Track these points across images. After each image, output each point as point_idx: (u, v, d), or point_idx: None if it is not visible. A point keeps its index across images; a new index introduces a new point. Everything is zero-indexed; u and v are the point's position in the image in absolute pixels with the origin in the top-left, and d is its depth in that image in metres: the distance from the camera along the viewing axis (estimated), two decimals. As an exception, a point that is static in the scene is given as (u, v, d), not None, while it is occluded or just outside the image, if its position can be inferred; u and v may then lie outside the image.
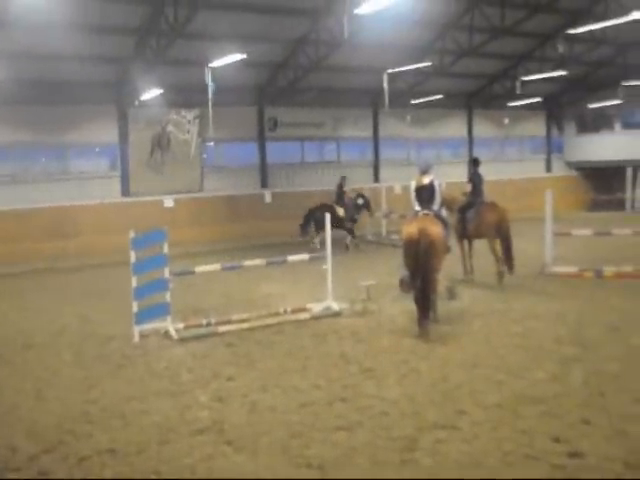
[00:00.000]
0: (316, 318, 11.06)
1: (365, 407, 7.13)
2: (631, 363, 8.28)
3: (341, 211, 19.80)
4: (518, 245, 15.87)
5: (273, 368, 8.62)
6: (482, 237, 13.62)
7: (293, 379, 8.14)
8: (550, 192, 14.37)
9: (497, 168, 28.91)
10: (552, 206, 14.31)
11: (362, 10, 14.42)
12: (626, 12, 18.07)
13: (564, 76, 26.08)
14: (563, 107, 31.66)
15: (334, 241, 12.03)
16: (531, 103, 29.04)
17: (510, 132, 30.53)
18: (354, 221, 20.35)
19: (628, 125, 30.56)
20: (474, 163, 14.38)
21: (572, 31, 20.87)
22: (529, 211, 23.07)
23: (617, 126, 30.59)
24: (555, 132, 32.23)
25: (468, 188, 14.07)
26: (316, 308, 11.32)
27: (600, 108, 30.03)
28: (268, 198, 23.63)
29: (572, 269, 14.22)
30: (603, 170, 30.50)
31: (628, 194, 29.89)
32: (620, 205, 29.62)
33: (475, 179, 14.11)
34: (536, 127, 31.72)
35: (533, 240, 16.40)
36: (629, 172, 29.70)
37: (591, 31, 20.73)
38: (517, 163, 30.63)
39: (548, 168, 32.11)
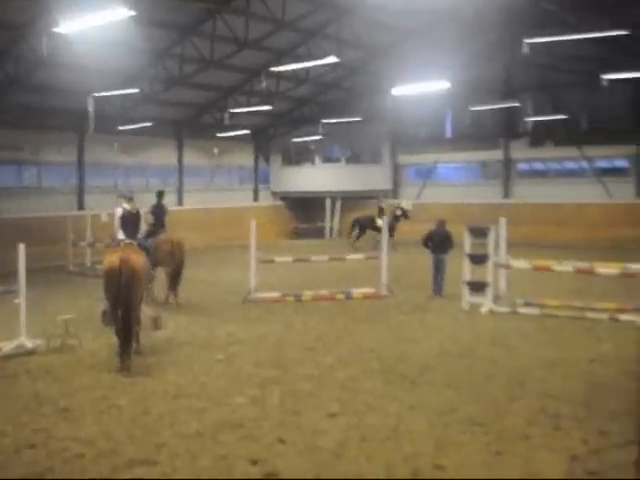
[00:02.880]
0: (6, 357, 10.09)
1: (58, 450, 6.65)
2: (323, 381, 8.85)
3: (380, 221, 23.48)
4: (225, 272, 16.26)
5: (-50, 418, 7.65)
6: (161, 265, 14.14)
7: (-26, 428, 7.30)
8: (254, 221, 14.93)
9: (207, 197, 29.50)
10: (257, 234, 14.87)
11: (62, 29, 13.72)
12: (324, 55, 19.84)
13: (270, 110, 27.58)
14: (270, 140, 33.41)
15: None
16: (240, 135, 30.10)
17: (220, 162, 31.29)
18: (392, 229, 24.15)
19: (327, 159, 33.24)
20: (158, 195, 15.10)
21: (275, 69, 22.20)
22: (237, 239, 23.83)
23: (317, 160, 33.01)
24: (262, 163, 33.78)
25: (150, 219, 14.30)
26: (6, 347, 10.32)
27: (303, 142, 32.28)
28: (-53, 227, 20.88)
29: (275, 294, 14.92)
30: (305, 200, 32.71)
31: (327, 223, 32.33)
32: (320, 233, 31.96)
33: (158, 211, 14.76)
34: (244, 158, 32.93)
35: (240, 267, 16.91)
36: (328, 203, 32.14)
37: (295, 70, 22.21)
38: (227, 192, 31.44)
39: (255, 198, 33.50)
